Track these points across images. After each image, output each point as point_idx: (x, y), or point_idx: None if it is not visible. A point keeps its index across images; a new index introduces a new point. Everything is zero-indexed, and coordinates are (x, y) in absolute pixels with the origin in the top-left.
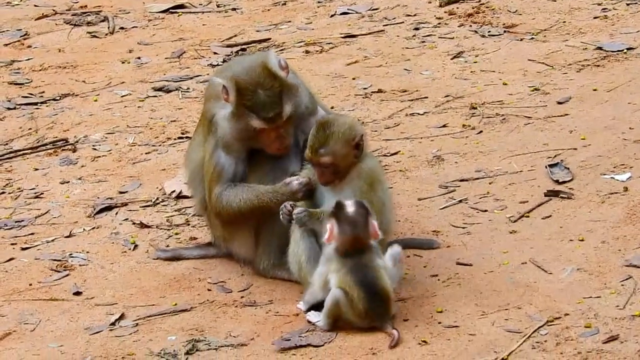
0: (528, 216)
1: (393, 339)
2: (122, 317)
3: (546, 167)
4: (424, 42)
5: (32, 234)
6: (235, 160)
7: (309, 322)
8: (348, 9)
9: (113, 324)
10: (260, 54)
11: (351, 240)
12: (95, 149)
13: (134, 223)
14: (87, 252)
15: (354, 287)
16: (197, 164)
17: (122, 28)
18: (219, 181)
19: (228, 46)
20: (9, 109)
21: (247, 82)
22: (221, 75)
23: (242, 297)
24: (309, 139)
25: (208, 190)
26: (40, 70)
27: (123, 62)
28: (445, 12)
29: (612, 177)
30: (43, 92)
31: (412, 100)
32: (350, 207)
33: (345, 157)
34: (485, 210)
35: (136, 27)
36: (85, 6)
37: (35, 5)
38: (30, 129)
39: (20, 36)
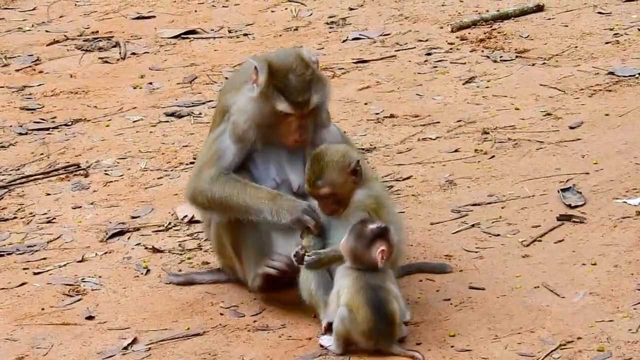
0: (540, 240)
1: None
2: (134, 341)
3: (558, 191)
4: (435, 67)
5: (44, 258)
6: (237, 151)
7: (322, 346)
8: (360, 35)
9: (125, 348)
10: (294, 47)
11: (352, 254)
12: (107, 174)
13: (146, 248)
14: (100, 276)
15: (361, 306)
16: None
17: (133, 53)
18: (214, 165)
19: None
20: (20, 134)
21: (280, 64)
22: (253, 58)
23: (254, 321)
24: (305, 172)
25: (198, 170)
26: (51, 95)
27: (135, 88)
28: (457, 37)
29: (624, 202)
30: (55, 117)
31: (424, 125)
32: (368, 223)
33: (343, 185)
34: (498, 235)
35: (148, 52)
36: (97, 32)
37: (47, 31)
38: (42, 154)
39: (32, 62)
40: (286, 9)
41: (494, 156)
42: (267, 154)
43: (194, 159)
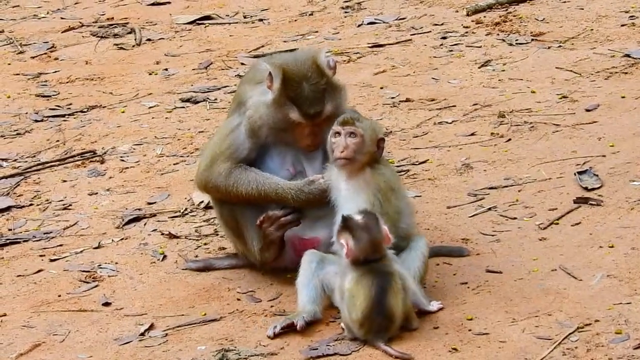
0: (557, 223)
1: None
2: (151, 327)
3: (575, 174)
4: (451, 51)
5: (61, 245)
6: (252, 146)
7: (343, 329)
8: (375, 19)
9: (142, 334)
10: (312, 48)
11: (368, 246)
12: (123, 160)
13: (162, 234)
14: (116, 263)
15: (361, 292)
16: None
17: (149, 40)
18: (229, 159)
19: (255, 57)
20: (36, 121)
21: (293, 72)
22: (269, 61)
23: (271, 306)
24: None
25: (210, 160)
26: (67, 82)
27: (150, 74)
28: (472, 21)
29: None
30: (70, 104)
31: (440, 109)
32: (357, 215)
33: (369, 143)
34: (515, 218)
35: (163, 38)
36: (112, 18)
37: (62, 18)
38: (58, 140)
39: (48, 49)
40: None
41: (510, 139)
42: (284, 145)
43: None
